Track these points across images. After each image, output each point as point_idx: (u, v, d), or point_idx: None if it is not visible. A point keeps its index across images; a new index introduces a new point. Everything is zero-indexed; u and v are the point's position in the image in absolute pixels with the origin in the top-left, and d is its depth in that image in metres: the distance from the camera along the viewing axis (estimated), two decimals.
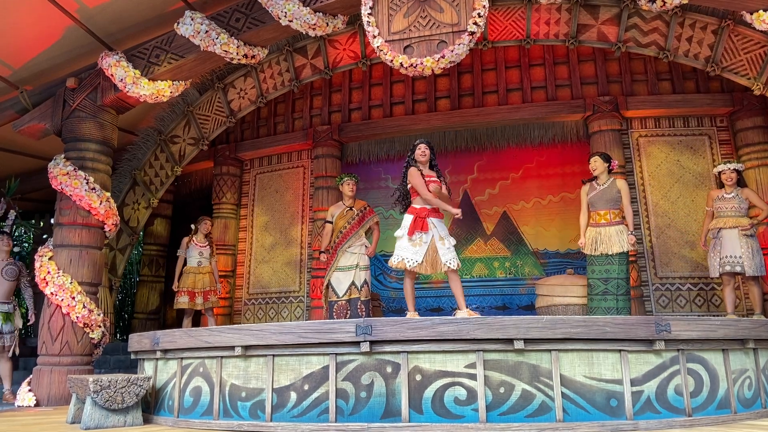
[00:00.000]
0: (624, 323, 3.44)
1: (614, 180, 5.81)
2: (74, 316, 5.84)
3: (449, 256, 4.80)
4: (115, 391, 3.82)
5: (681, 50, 6.61)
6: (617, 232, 5.63)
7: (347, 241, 6.25)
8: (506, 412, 3.32)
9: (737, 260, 5.93)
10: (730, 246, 5.99)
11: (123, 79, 5.99)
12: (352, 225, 6.31)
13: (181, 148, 8.20)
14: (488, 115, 7.90)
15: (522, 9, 6.78)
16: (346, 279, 6.16)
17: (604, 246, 5.64)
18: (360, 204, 6.49)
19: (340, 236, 6.30)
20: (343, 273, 6.19)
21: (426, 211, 4.87)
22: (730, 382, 3.62)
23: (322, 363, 3.55)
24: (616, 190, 5.73)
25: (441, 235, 4.85)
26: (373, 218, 6.48)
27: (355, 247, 6.25)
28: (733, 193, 6.14)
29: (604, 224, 5.71)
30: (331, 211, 6.53)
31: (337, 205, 6.57)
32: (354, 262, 6.21)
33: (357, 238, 6.28)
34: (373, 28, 5.18)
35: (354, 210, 6.38)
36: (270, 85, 7.81)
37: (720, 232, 6.08)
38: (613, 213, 5.70)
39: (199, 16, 5.83)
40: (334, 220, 6.39)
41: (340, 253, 6.23)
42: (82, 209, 6.07)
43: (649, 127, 7.62)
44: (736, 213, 6.06)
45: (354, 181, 6.54)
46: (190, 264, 7.51)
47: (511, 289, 7.99)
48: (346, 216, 6.36)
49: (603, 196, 5.76)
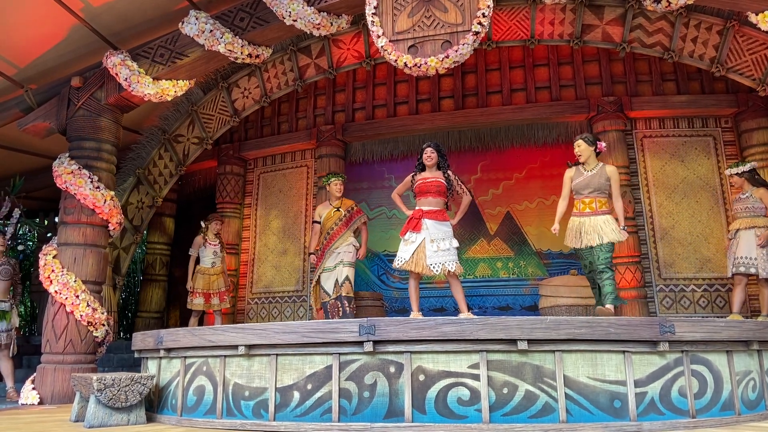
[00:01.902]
0: (628, 324, 3.43)
1: (604, 166, 5.23)
2: (78, 315, 5.85)
3: (436, 260, 4.80)
4: (118, 389, 3.82)
5: (686, 51, 6.59)
6: (605, 221, 5.05)
7: (335, 243, 6.28)
8: (509, 413, 3.32)
9: (752, 261, 5.92)
10: (746, 247, 5.98)
11: (127, 78, 6.01)
12: (340, 226, 6.33)
13: (185, 147, 8.22)
14: (492, 115, 7.89)
15: (526, 9, 6.77)
16: (332, 278, 6.21)
17: (590, 237, 5.05)
18: (347, 204, 6.50)
19: (328, 237, 6.32)
20: (330, 273, 6.24)
21: (420, 212, 4.96)
22: (734, 384, 3.61)
23: (325, 362, 3.55)
24: (605, 177, 5.15)
25: (432, 237, 4.86)
26: (361, 218, 6.50)
27: (341, 247, 6.27)
28: (747, 193, 6.18)
29: (589, 213, 5.13)
30: (318, 211, 6.53)
31: (324, 205, 6.57)
32: (338, 260, 6.24)
33: (344, 239, 6.31)
34: (377, 28, 5.18)
35: (341, 211, 6.39)
36: (274, 84, 7.81)
37: (738, 233, 6.10)
38: (599, 201, 5.13)
39: (203, 16, 5.84)
40: (322, 221, 6.41)
41: (328, 254, 6.26)
42: (86, 208, 6.08)
43: (654, 127, 7.60)
44: (750, 213, 6.06)
45: (341, 180, 6.53)
46: (204, 264, 7.51)
47: (514, 289, 7.97)
48: (333, 217, 6.37)
49: (590, 183, 5.17)
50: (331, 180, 6.50)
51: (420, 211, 4.97)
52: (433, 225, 4.90)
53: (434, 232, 4.88)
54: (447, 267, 4.82)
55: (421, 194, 5.08)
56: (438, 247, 4.83)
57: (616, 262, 7.07)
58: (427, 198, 5.04)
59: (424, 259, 4.82)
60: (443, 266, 4.81)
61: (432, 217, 4.93)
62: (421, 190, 5.08)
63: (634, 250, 7.08)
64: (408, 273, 5.03)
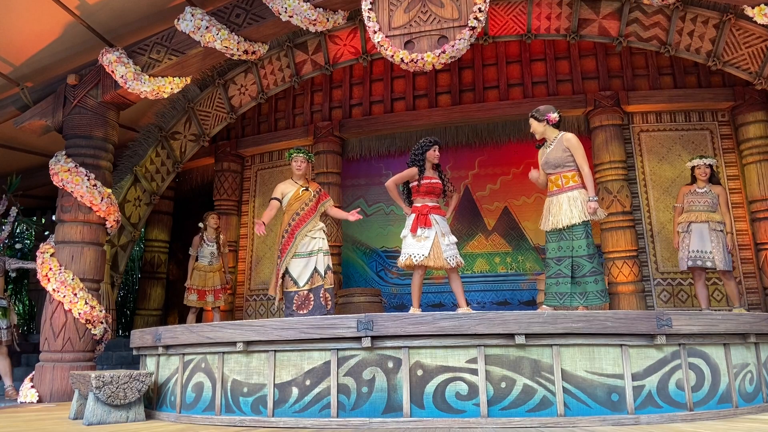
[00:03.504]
0: (625, 318, 3.44)
1: (561, 136, 4.76)
2: (76, 313, 5.85)
3: (450, 253, 4.88)
4: (117, 387, 3.82)
5: (682, 45, 6.59)
6: (568, 200, 4.61)
7: (306, 225, 5.46)
8: (507, 407, 3.33)
9: (707, 255, 5.91)
10: (699, 240, 5.97)
11: (124, 75, 5.99)
12: (311, 207, 5.55)
13: (182, 145, 8.21)
14: (489, 110, 7.89)
15: (523, 4, 6.76)
16: (308, 267, 5.38)
17: (553, 218, 4.68)
18: (315, 186, 5.76)
19: (297, 219, 5.49)
20: (302, 259, 5.39)
21: (427, 208, 4.95)
22: (731, 377, 3.62)
23: (323, 358, 3.55)
24: (562, 148, 4.69)
25: (443, 232, 4.92)
26: (328, 201, 5.73)
27: (315, 231, 5.49)
28: (705, 188, 6.14)
29: (556, 191, 4.72)
30: (281, 189, 5.65)
31: (288, 182, 5.70)
32: (315, 246, 5.44)
33: (315, 222, 5.53)
34: (373, 24, 5.17)
35: (310, 191, 5.60)
36: (271, 81, 7.80)
37: (690, 226, 6.07)
38: (565, 177, 4.68)
39: (199, 12, 5.82)
40: (288, 200, 5.57)
41: (299, 238, 5.42)
42: (83, 206, 6.07)
43: (651, 121, 7.60)
44: (708, 208, 6.04)
45: (304, 157, 5.69)
46: (201, 262, 7.58)
47: (512, 284, 7.99)
48: (302, 197, 5.55)
49: (548, 160, 4.78)
50: (292, 155, 5.66)
51: (426, 207, 4.98)
52: (441, 219, 5.00)
53: (443, 227, 4.97)
54: (459, 259, 4.94)
55: (427, 195, 5.07)
56: (449, 241, 4.93)
57: (613, 257, 7.09)
58: (432, 198, 5.10)
59: (441, 253, 4.87)
60: (456, 259, 4.91)
61: (436, 212, 5.01)
62: (427, 191, 5.07)
63: (632, 244, 7.09)
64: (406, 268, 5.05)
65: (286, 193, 5.60)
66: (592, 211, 4.49)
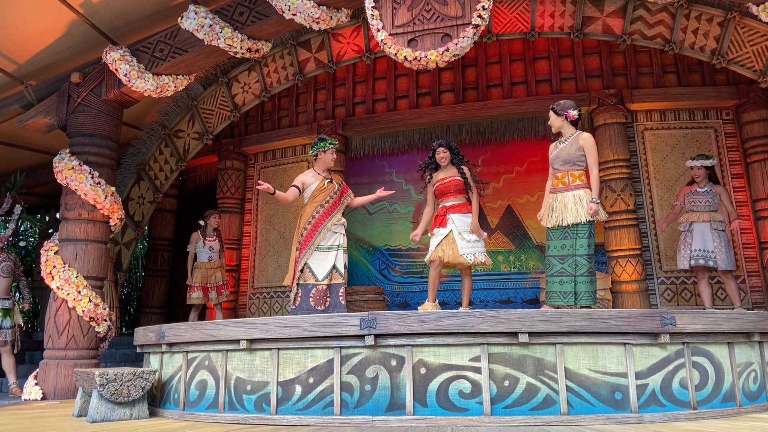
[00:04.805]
0: (629, 317, 3.43)
1: (578, 134, 4.76)
2: (80, 310, 5.87)
3: (467, 251, 5.00)
4: (121, 384, 3.84)
5: (687, 43, 6.57)
6: (575, 198, 4.61)
7: (330, 219, 5.34)
8: (511, 405, 3.33)
9: (709, 254, 5.97)
10: (701, 240, 6.03)
11: (127, 73, 6.00)
12: (335, 200, 5.43)
13: (185, 143, 8.22)
14: (492, 108, 7.88)
15: (527, 1, 6.75)
16: (328, 260, 5.28)
17: (558, 215, 4.66)
18: (338, 178, 5.62)
19: (322, 211, 5.34)
20: (324, 253, 5.28)
21: (445, 209, 5.16)
22: (735, 376, 3.61)
23: (326, 356, 3.56)
24: (576, 146, 4.68)
25: (459, 230, 5.04)
26: (350, 195, 5.63)
27: (338, 225, 5.39)
28: (705, 187, 6.23)
29: (562, 189, 4.71)
30: (302, 179, 5.43)
31: (311, 173, 5.50)
32: (336, 242, 5.36)
33: (338, 216, 5.41)
34: (377, 22, 5.17)
35: (334, 183, 5.47)
36: (274, 79, 7.80)
37: (691, 225, 6.16)
38: (572, 175, 4.68)
39: (203, 10, 5.83)
40: (312, 191, 5.39)
41: (323, 231, 5.29)
42: (87, 204, 6.09)
43: (655, 120, 7.58)
44: (709, 208, 6.13)
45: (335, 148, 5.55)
46: (201, 260, 7.60)
47: (515, 282, 7.98)
48: (327, 189, 5.40)
49: (560, 155, 4.75)
50: (328, 147, 5.46)
51: (444, 208, 5.17)
52: (459, 218, 5.09)
53: (460, 225, 5.07)
54: (478, 258, 5.04)
55: (442, 195, 5.25)
56: (469, 239, 5.04)
57: (617, 255, 7.07)
58: (448, 197, 5.21)
59: (455, 249, 5.00)
60: (475, 257, 5.02)
61: (456, 211, 5.12)
62: (441, 192, 5.25)
63: (636, 243, 7.07)
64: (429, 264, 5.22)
65: (308, 185, 5.41)
66: (593, 212, 4.49)
